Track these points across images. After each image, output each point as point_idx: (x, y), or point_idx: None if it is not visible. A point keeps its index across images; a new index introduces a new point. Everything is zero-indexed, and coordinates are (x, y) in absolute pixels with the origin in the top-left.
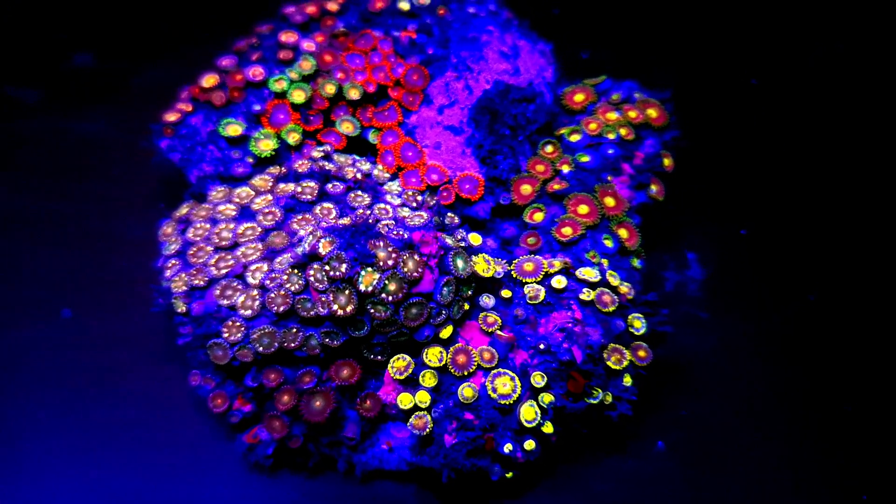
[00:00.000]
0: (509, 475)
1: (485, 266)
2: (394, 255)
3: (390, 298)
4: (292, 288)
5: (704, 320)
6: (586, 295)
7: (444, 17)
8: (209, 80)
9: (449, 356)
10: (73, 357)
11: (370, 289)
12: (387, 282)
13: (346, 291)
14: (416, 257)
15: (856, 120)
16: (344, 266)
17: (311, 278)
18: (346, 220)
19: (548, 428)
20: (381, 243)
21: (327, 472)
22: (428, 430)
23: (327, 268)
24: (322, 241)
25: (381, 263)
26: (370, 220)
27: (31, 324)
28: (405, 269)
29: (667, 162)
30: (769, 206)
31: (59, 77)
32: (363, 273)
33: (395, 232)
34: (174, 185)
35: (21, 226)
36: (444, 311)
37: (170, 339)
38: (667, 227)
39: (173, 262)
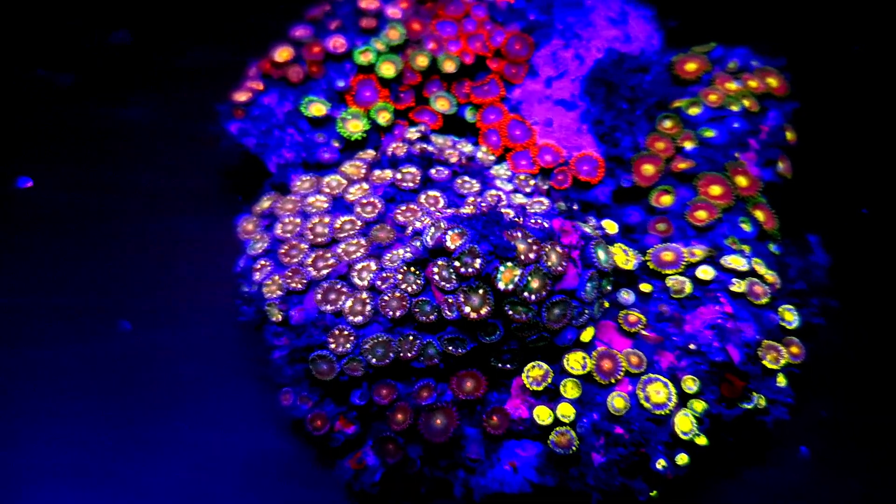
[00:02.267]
0: (654, 494)
1: (624, 257)
2: (535, 248)
3: (532, 297)
4: (409, 289)
5: (834, 310)
6: (737, 286)
7: None
8: (283, 54)
9: (593, 362)
10: (139, 374)
11: (510, 287)
12: (529, 278)
13: (480, 291)
14: (558, 249)
15: None
16: (478, 261)
17: (436, 276)
18: (468, 209)
19: (701, 440)
20: (520, 234)
21: (441, 498)
22: (574, 447)
23: (457, 264)
24: (450, 233)
25: (522, 257)
26: (496, 209)
27: (88, 336)
28: (549, 263)
29: (789, 135)
30: (890, 182)
31: (94, 58)
32: (502, 269)
33: (533, 220)
34: (243, 174)
35: (68, 224)
36: (586, 311)
37: (246, 352)
38: (784, 206)
39: (262, 262)
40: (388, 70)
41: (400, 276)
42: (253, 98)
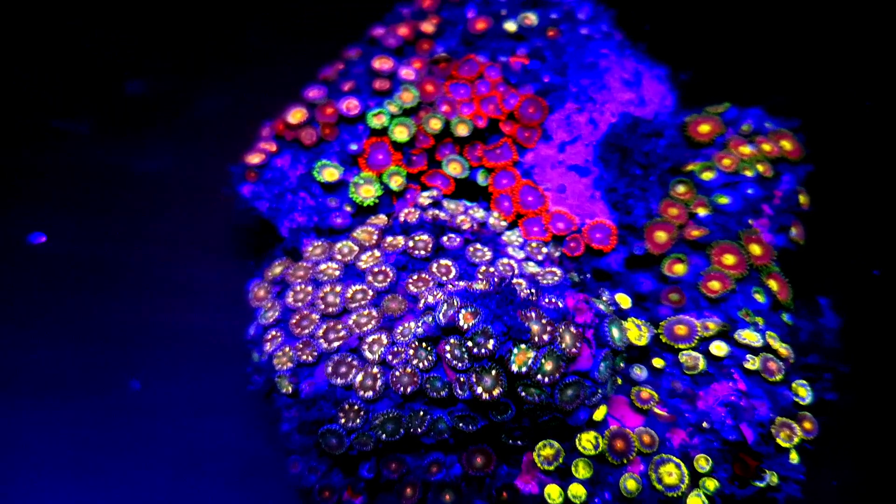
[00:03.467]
0: None
1: (637, 333)
2: (549, 329)
3: (546, 380)
4: (420, 365)
5: (845, 375)
6: (751, 363)
7: (556, 39)
8: (296, 115)
9: (605, 441)
10: (149, 431)
11: (524, 369)
12: (543, 360)
13: (493, 372)
14: (572, 329)
15: None
16: (491, 342)
17: (447, 355)
18: (481, 285)
19: None
20: (534, 314)
21: None
22: None
23: (470, 344)
24: (463, 311)
25: (536, 339)
26: (509, 284)
27: (97, 391)
28: (563, 345)
29: (802, 199)
30: None
31: (111, 107)
32: (515, 351)
33: (547, 299)
34: (257, 235)
35: (81, 273)
36: (600, 390)
37: (258, 413)
38: (795, 268)
39: (273, 333)
40: (401, 134)
41: (411, 352)
42: (266, 160)
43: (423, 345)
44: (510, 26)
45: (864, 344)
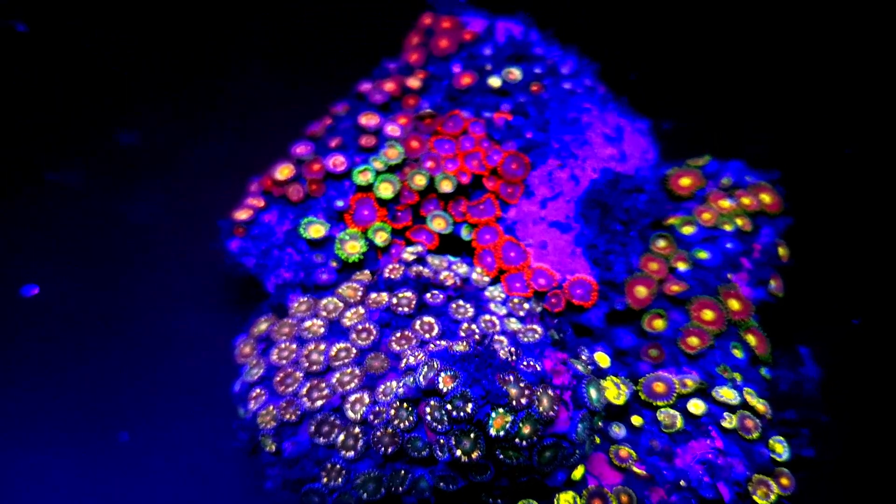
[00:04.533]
0: None
1: (615, 392)
2: (527, 392)
3: (524, 443)
4: (401, 425)
5: (825, 425)
6: (728, 421)
7: (539, 94)
8: (283, 171)
9: (583, 501)
10: (134, 482)
11: (502, 433)
12: (521, 424)
13: (472, 435)
14: (550, 392)
15: None
16: (470, 406)
17: (428, 417)
18: (461, 346)
19: None
20: (512, 377)
21: None
22: None
23: (449, 407)
24: (442, 374)
25: (514, 402)
26: (489, 344)
27: (84, 442)
28: (540, 409)
29: (782, 252)
30: (882, 291)
31: (103, 157)
32: (494, 415)
33: (525, 362)
34: (245, 289)
35: (71, 325)
36: (577, 451)
37: (243, 469)
38: (775, 318)
39: (258, 391)
40: (386, 190)
41: (393, 412)
42: (253, 216)
43: (405, 405)
44: (494, 82)
45: (845, 394)
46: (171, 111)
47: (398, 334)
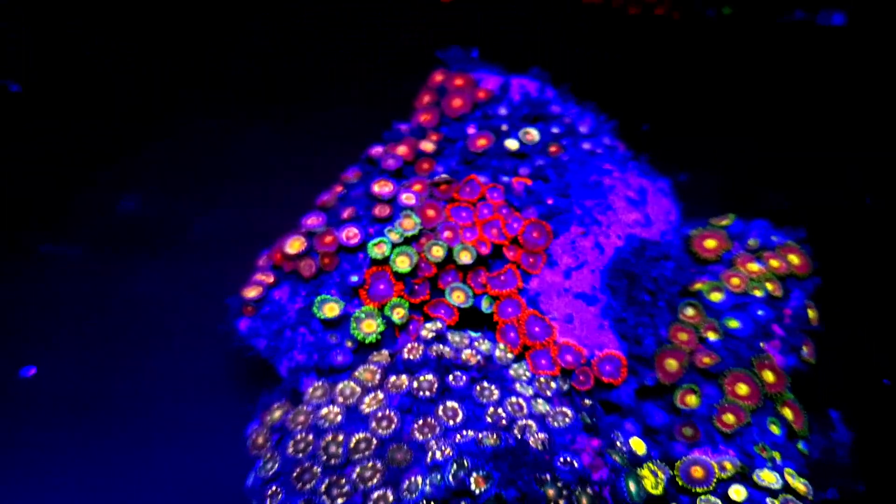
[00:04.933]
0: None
1: (653, 481)
2: (565, 493)
3: None
4: None
5: (861, 495)
6: None
7: (559, 156)
8: (294, 245)
9: None
10: None
11: None
12: None
13: None
14: (589, 490)
15: None
16: None
17: None
18: (491, 440)
19: None
20: (549, 476)
21: None
22: None
23: None
24: (474, 475)
25: None
26: (520, 435)
27: None
28: None
29: (812, 315)
30: None
31: (103, 227)
32: None
33: (562, 459)
34: (256, 372)
35: (71, 408)
36: None
37: None
38: (806, 381)
39: (274, 488)
40: (402, 264)
41: None
42: (263, 293)
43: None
44: (512, 144)
45: (879, 459)
46: (176, 177)
47: (420, 421)
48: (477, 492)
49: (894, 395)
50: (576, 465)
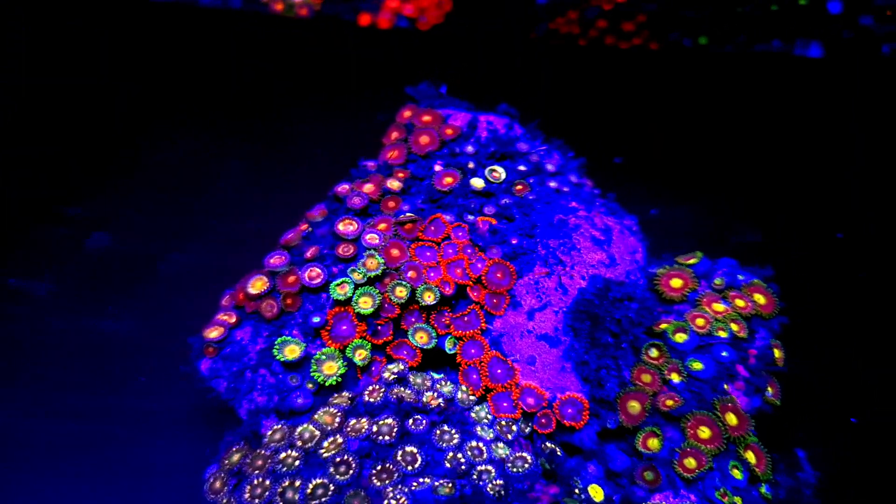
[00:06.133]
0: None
1: None
2: None
3: None
4: None
5: None
6: None
7: (525, 195)
8: (256, 285)
9: None
10: None
11: None
12: None
13: None
14: None
15: None
16: None
17: None
18: (446, 489)
19: None
20: None
21: None
22: None
23: None
24: None
25: None
26: (476, 482)
27: None
28: None
29: (777, 354)
30: (879, 386)
31: (71, 263)
32: None
33: None
34: (218, 414)
35: (32, 453)
36: None
37: None
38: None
39: None
40: (365, 305)
41: None
42: (225, 334)
43: None
44: (478, 183)
45: (844, 498)
46: (145, 214)
47: (379, 467)
48: None
49: (861, 433)
50: None
